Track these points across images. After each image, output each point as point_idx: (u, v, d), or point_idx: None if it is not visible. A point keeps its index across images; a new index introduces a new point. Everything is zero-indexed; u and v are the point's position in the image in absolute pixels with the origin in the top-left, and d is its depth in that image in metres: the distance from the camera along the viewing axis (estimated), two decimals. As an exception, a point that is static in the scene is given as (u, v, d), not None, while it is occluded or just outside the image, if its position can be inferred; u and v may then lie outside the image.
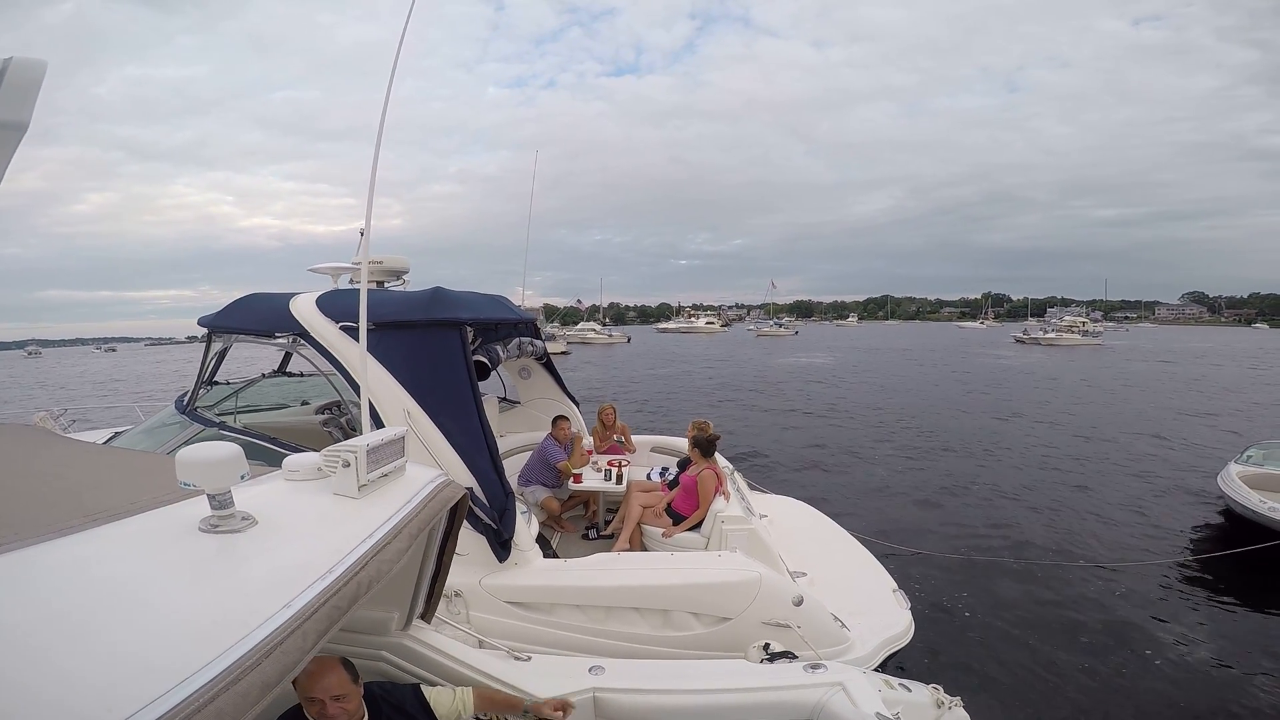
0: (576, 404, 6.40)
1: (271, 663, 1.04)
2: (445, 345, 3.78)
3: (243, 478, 1.47)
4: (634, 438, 6.39)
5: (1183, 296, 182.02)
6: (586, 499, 5.58)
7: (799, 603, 3.37)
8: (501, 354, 4.74)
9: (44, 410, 6.61)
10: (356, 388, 3.64)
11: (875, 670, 3.36)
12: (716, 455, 4.99)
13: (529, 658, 2.66)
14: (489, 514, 3.48)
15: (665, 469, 5.61)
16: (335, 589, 1.30)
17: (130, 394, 27.86)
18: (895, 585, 4.35)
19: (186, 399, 4.70)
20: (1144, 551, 7.25)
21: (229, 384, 5.40)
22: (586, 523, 5.48)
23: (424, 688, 2.18)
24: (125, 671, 0.92)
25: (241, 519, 1.46)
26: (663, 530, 4.49)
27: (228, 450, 1.45)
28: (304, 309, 3.97)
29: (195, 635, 1.04)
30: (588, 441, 6.05)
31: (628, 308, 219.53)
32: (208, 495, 1.44)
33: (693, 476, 4.59)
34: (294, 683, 1.84)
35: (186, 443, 4.06)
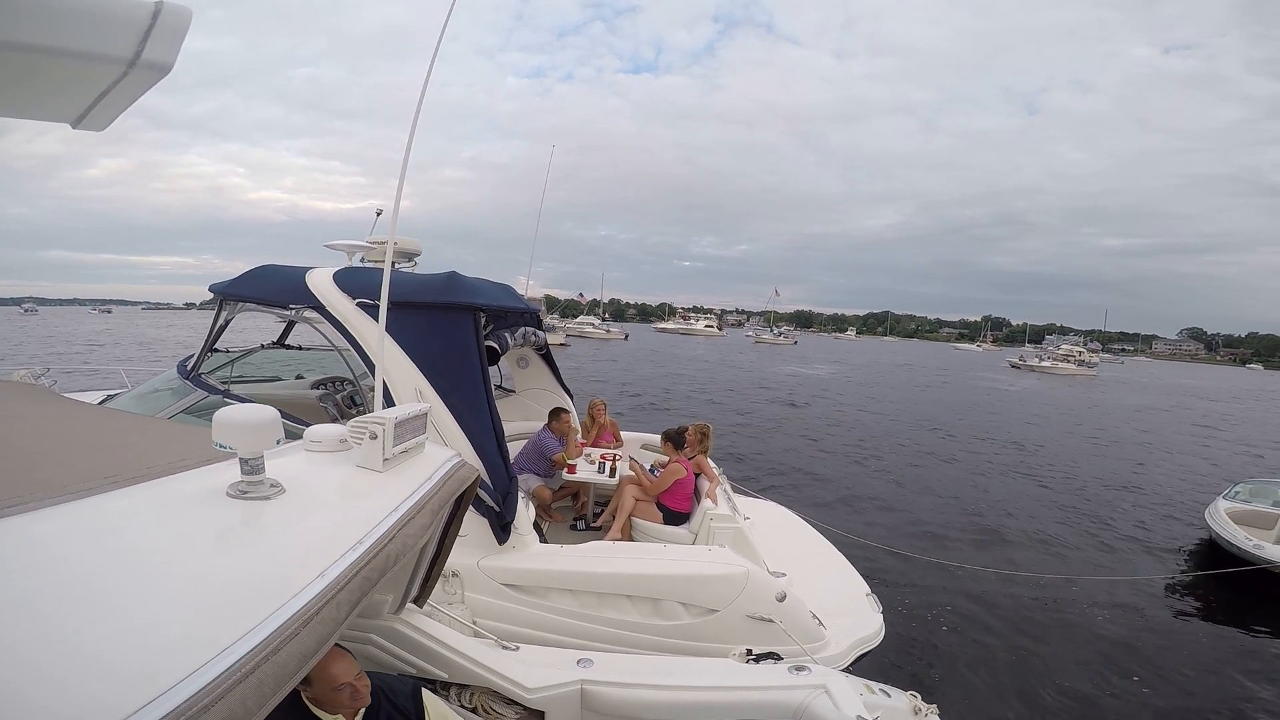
0: (571, 396, 6.46)
1: (308, 633, 1.00)
2: (459, 328, 3.85)
3: (278, 442, 1.45)
4: (628, 434, 6.47)
5: (1181, 332, 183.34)
6: (576, 490, 5.65)
7: (782, 599, 3.47)
8: (510, 341, 4.80)
9: (24, 369, 6.46)
10: (371, 363, 3.69)
11: (847, 669, 3.45)
12: (709, 460, 5.10)
13: (517, 647, 2.67)
14: (493, 496, 3.55)
15: (651, 468, 5.68)
16: (366, 560, 1.27)
17: (123, 358, 27.74)
18: (869, 590, 4.46)
19: (191, 364, 4.73)
20: (1124, 570, 7.45)
21: (228, 352, 5.42)
22: (575, 514, 5.55)
23: (425, 691, 2.13)
24: (160, 640, 0.88)
25: (270, 486, 1.44)
26: (651, 521, 4.61)
27: (266, 413, 1.43)
28: (320, 283, 4.02)
29: (230, 603, 1.00)
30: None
31: (628, 305, 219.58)
32: (240, 459, 1.41)
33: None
34: (307, 684, 1.78)
35: (189, 409, 4.09)
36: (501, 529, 3.55)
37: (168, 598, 0.98)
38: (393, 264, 5.05)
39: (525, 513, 3.79)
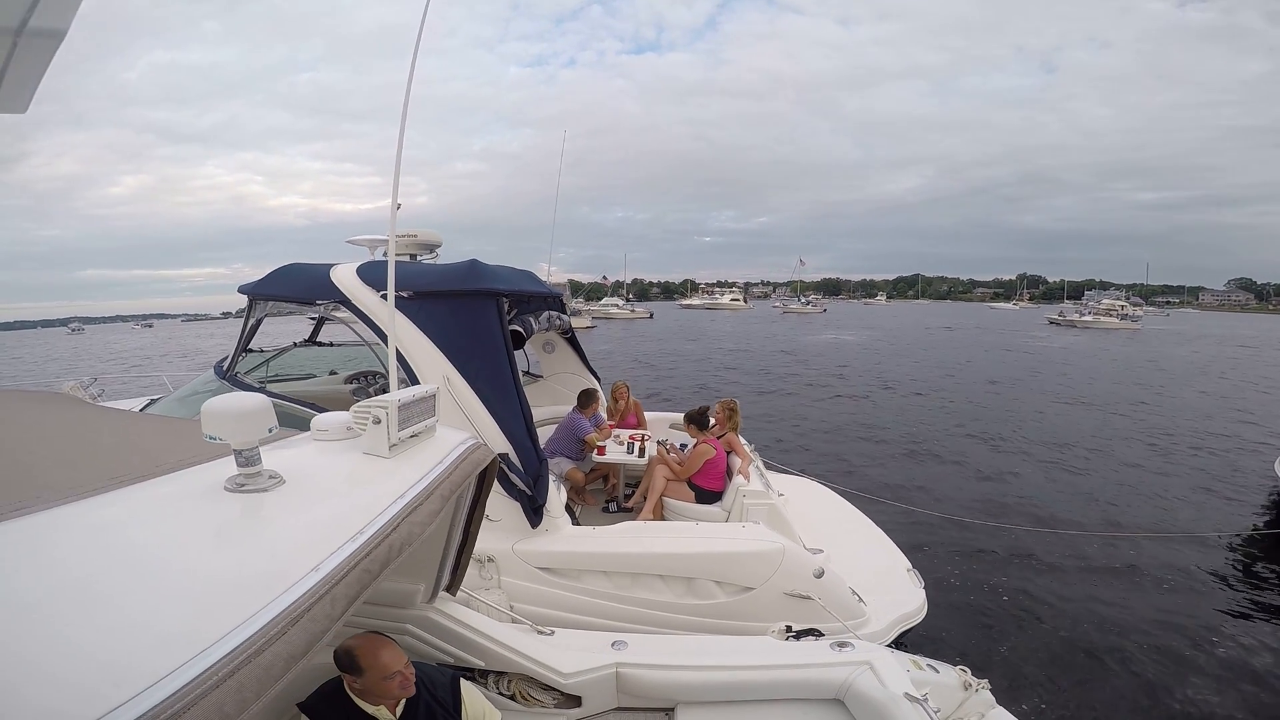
0: (598, 379, 6.47)
1: (298, 631, 0.95)
2: (483, 314, 3.86)
3: (271, 430, 1.41)
4: (656, 414, 6.45)
5: (1229, 282, 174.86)
6: (606, 472, 5.66)
7: (819, 575, 3.42)
8: (534, 325, 4.81)
9: (74, 380, 6.74)
10: (401, 355, 3.73)
11: (889, 646, 3.40)
12: (740, 437, 5.04)
13: (552, 632, 2.66)
14: (524, 480, 3.57)
15: (684, 445, 5.66)
16: (366, 551, 1.22)
17: (166, 367, 28.72)
18: (909, 565, 4.39)
19: (226, 364, 4.85)
20: (1191, 529, 7.17)
21: (262, 352, 5.54)
22: (606, 496, 5.57)
23: (463, 682, 2.14)
24: (136, 641, 0.83)
25: (269, 478, 1.39)
26: (683, 500, 4.61)
27: (256, 401, 1.38)
28: (345, 278, 4.07)
29: (215, 601, 0.96)
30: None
31: (651, 284, 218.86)
32: (234, 451, 1.37)
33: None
34: (358, 673, 1.81)
35: (227, 408, 4.19)
36: (534, 512, 3.58)
37: (146, 599, 0.94)
38: (414, 256, 5.12)
39: (557, 496, 3.81)
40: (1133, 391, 17.94)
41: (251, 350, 5.25)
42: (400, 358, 3.75)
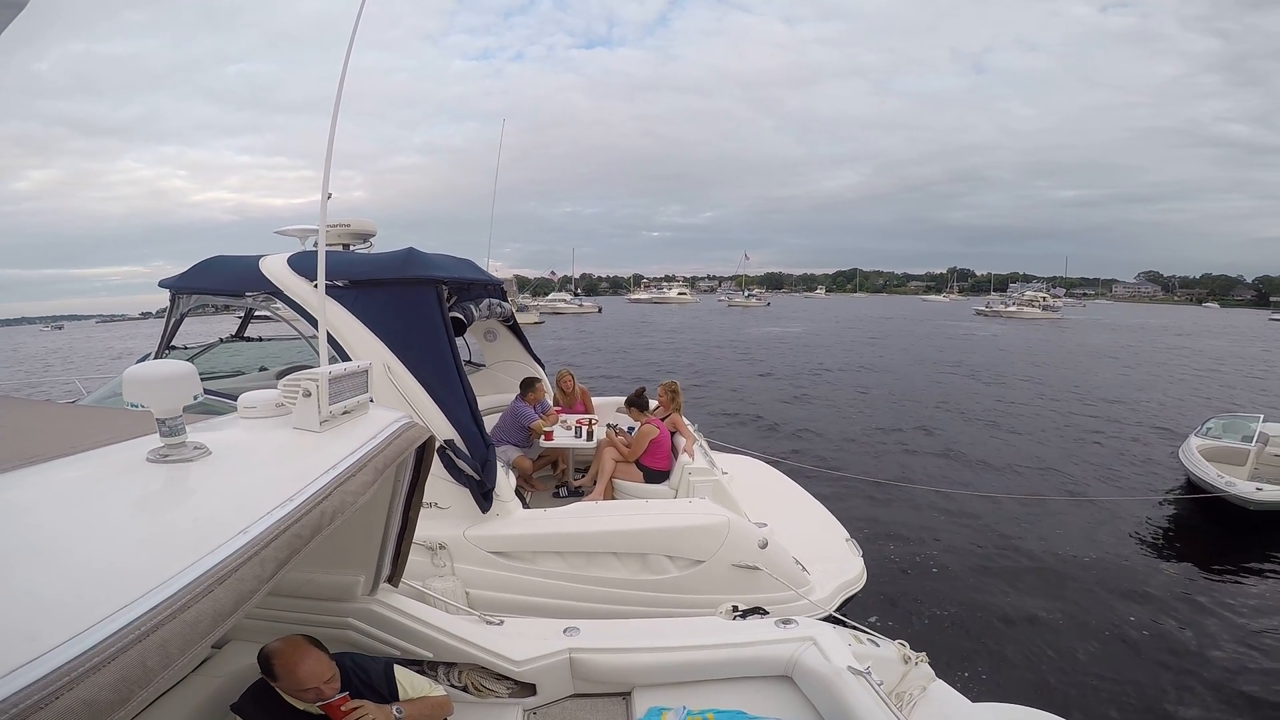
0: (542, 366, 6.45)
1: (225, 590, 0.94)
2: (422, 302, 3.81)
3: (196, 398, 1.37)
4: (602, 398, 6.49)
5: (1139, 275, 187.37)
6: (555, 459, 5.66)
7: (764, 546, 3.53)
8: (474, 312, 4.77)
9: None
10: (337, 345, 3.63)
11: (837, 612, 3.53)
12: (684, 419, 5.13)
13: (501, 621, 2.63)
14: (471, 465, 3.54)
15: (631, 428, 5.71)
16: (296, 516, 1.20)
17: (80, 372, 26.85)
18: (848, 535, 4.56)
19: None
20: (1104, 496, 7.69)
21: (187, 349, 5.28)
22: (556, 482, 5.56)
23: (397, 667, 2.12)
24: (50, 604, 0.81)
25: (194, 448, 1.35)
26: (632, 480, 4.67)
27: (180, 368, 1.35)
28: (275, 268, 3.95)
29: (138, 565, 0.93)
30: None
31: (600, 278, 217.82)
32: (157, 420, 1.33)
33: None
34: (274, 679, 1.81)
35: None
36: (483, 497, 3.56)
37: (64, 567, 0.91)
38: (347, 246, 4.98)
39: (506, 480, 3.80)
40: (1055, 372, 19.17)
41: (175, 348, 5.00)
42: (339, 348, 3.66)
